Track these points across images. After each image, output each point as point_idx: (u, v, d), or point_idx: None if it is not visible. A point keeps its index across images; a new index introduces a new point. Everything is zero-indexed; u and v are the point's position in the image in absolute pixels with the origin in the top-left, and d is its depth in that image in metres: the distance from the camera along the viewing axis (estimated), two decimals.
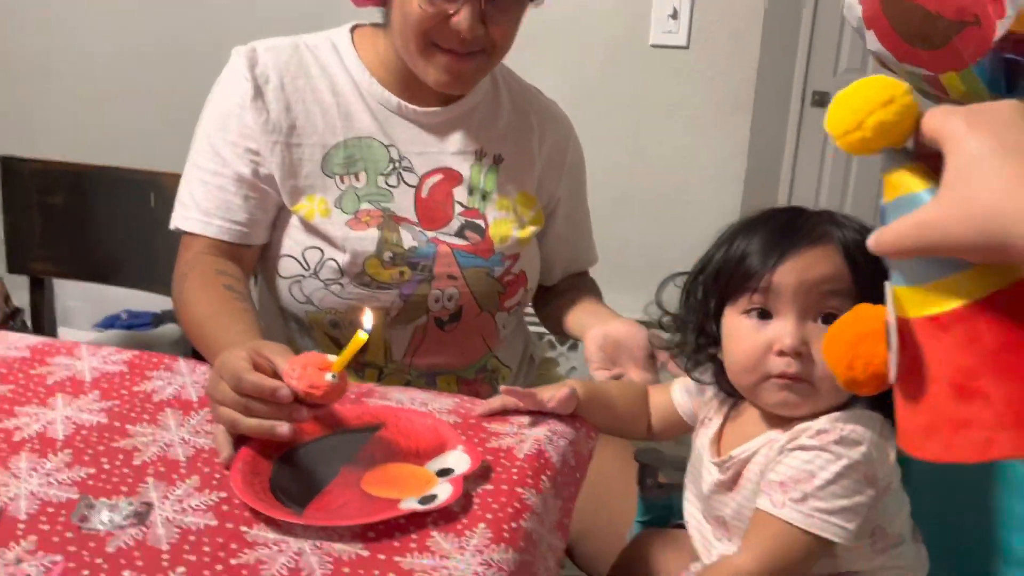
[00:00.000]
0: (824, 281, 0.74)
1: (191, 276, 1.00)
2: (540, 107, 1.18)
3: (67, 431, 0.81)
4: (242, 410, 0.75)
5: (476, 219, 1.08)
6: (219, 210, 1.03)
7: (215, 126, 1.04)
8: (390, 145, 1.06)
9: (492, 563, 0.64)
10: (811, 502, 0.70)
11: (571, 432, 0.86)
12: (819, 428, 0.72)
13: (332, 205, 1.04)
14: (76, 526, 0.66)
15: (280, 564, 0.63)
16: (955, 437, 0.53)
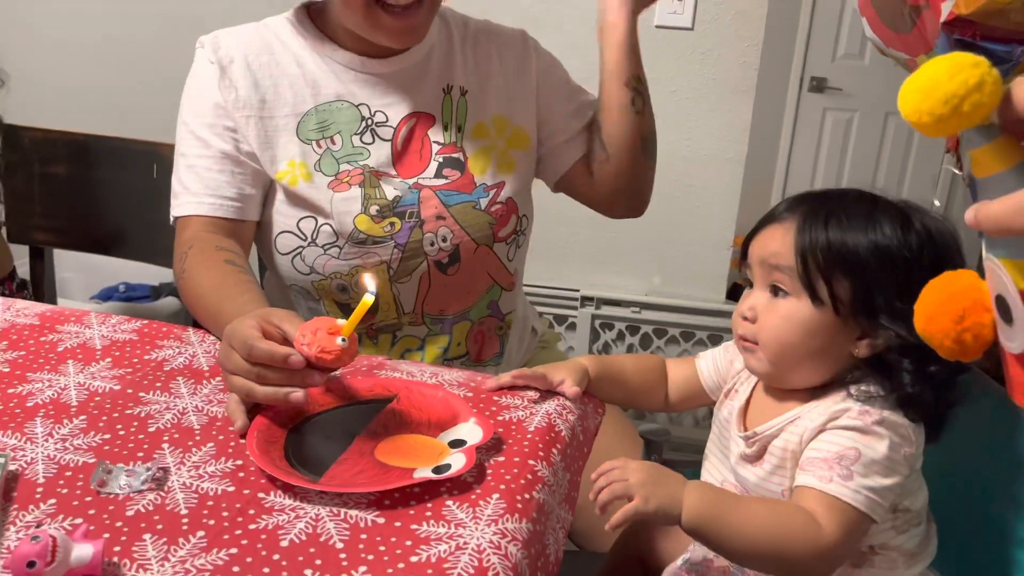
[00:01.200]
0: (771, 255, 0.79)
1: (191, 255, 1.00)
2: (492, 34, 1.19)
3: (80, 397, 0.81)
4: (255, 378, 0.76)
5: (454, 154, 1.10)
6: (207, 188, 1.04)
7: (191, 113, 1.06)
8: (360, 104, 1.08)
9: (507, 532, 0.65)
10: (857, 479, 0.72)
11: (580, 407, 0.87)
12: (860, 410, 0.75)
13: (312, 168, 1.05)
14: (95, 490, 0.67)
15: (299, 529, 0.64)
16: None
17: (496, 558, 0.62)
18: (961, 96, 0.53)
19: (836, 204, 0.78)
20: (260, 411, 0.78)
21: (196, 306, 0.98)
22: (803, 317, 0.77)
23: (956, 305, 0.60)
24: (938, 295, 0.62)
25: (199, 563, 0.60)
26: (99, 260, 1.85)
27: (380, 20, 1.00)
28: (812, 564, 0.73)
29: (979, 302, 0.59)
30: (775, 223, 0.80)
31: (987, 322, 0.58)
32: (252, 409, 0.78)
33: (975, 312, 0.59)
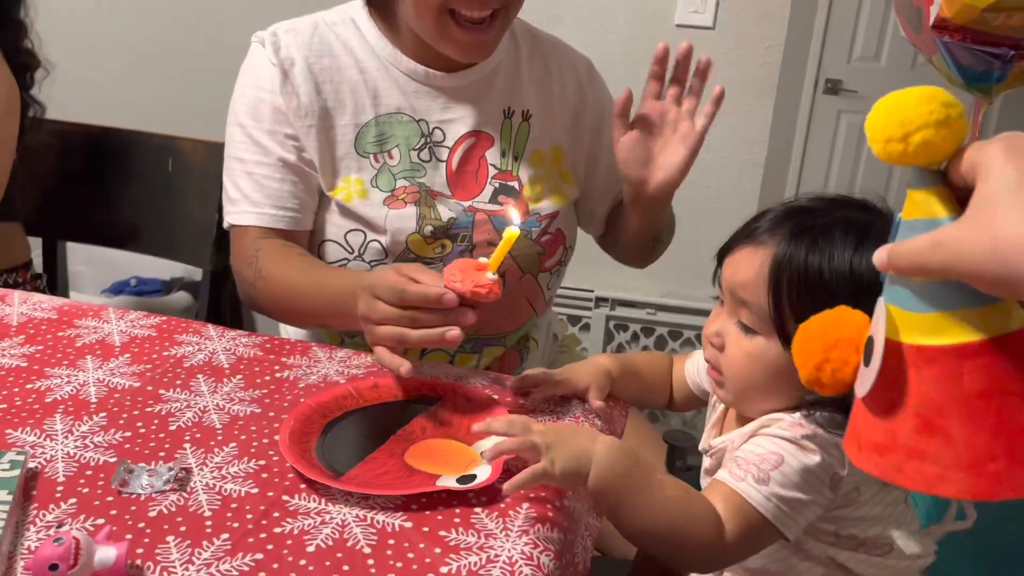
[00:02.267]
0: (740, 286, 0.73)
1: (261, 258, 0.99)
2: (558, 54, 1.16)
3: (100, 394, 0.80)
4: (408, 323, 0.76)
5: (510, 181, 1.07)
6: (269, 199, 1.01)
7: (249, 116, 1.02)
8: (420, 119, 1.05)
9: (538, 543, 0.63)
10: (772, 486, 0.69)
11: (606, 412, 0.86)
12: (793, 421, 0.71)
13: (368, 184, 1.03)
14: (116, 490, 0.66)
15: (325, 535, 0.62)
16: (907, 464, 0.53)
17: (528, 570, 0.60)
18: (917, 126, 0.51)
19: (820, 225, 0.70)
20: (307, 398, 0.79)
21: (288, 296, 0.97)
22: (771, 358, 0.72)
23: (831, 336, 0.59)
24: (821, 322, 0.61)
25: (224, 568, 0.58)
26: (111, 254, 1.84)
27: (451, 32, 0.96)
28: (703, 558, 0.70)
29: (853, 341, 0.58)
30: (751, 245, 0.73)
31: (851, 362, 0.58)
32: (302, 396, 0.77)
33: (844, 349, 0.58)
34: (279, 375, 0.86)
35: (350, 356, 0.92)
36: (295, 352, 0.92)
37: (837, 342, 0.58)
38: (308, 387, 0.84)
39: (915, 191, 0.52)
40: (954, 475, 0.51)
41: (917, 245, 0.49)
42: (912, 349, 0.52)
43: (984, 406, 0.50)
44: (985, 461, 0.50)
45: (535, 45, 1.14)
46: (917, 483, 0.53)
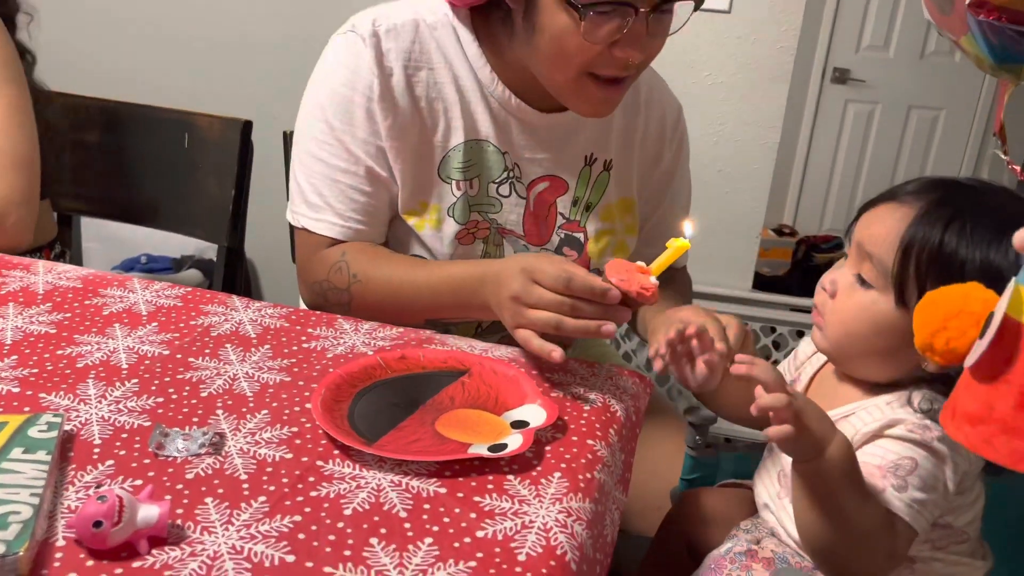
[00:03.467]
0: (869, 239, 0.75)
1: (352, 263, 0.96)
2: (651, 99, 1.09)
3: (130, 360, 0.80)
4: (568, 311, 0.77)
5: (576, 232, 1.05)
6: (355, 212, 0.98)
7: (339, 117, 0.96)
8: (505, 152, 1.01)
9: (571, 511, 0.64)
10: (911, 492, 0.71)
11: (631, 386, 0.86)
12: (917, 422, 0.73)
13: (445, 213, 0.99)
14: (152, 453, 0.66)
15: (361, 499, 0.63)
16: (998, 437, 0.54)
17: (563, 536, 0.61)
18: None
19: (968, 205, 0.72)
20: (336, 368, 0.79)
21: (395, 295, 0.95)
22: (879, 313, 0.74)
23: (955, 306, 0.60)
24: (948, 292, 0.62)
25: (264, 529, 0.59)
26: (121, 230, 1.84)
27: (587, 90, 0.90)
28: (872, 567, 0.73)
29: (975, 315, 0.59)
30: (894, 201, 0.75)
31: (968, 335, 0.59)
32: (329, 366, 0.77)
33: (964, 321, 0.59)
34: (306, 345, 0.87)
35: (375, 328, 0.92)
36: (320, 323, 0.92)
37: (959, 313, 0.59)
38: (336, 357, 0.85)
39: None
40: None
41: None
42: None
43: None
44: None
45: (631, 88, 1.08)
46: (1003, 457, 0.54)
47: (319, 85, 0.99)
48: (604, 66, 0.88)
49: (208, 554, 0.56)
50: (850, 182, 3.99)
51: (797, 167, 4.01)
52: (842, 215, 3.98)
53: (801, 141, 3.97)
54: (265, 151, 1.55)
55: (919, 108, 3.80)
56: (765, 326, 2.07)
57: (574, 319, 0.77)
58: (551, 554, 0.59)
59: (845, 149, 3.99)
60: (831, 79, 3.90)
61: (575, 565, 0.59)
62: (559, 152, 1.03)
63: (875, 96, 3.88)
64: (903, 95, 3.81)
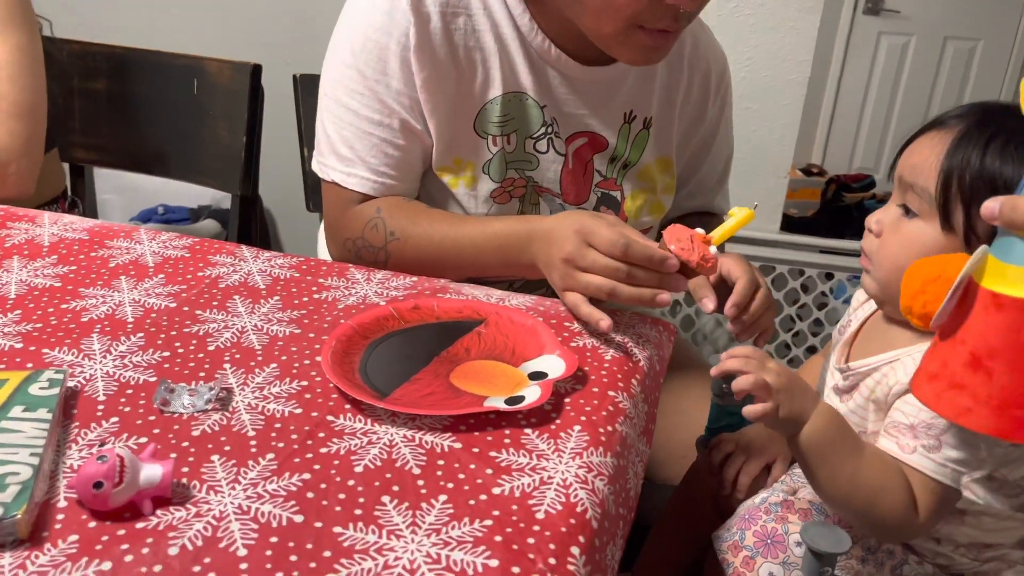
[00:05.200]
0: (910, 169, 0.73)
1: (388, 218, 0.92)
2: (697, 52, 1.04)
3: (136, 314, 0.78)
4: (623, 278, 0.75)
5: (613, 191, 1.01)
6: (388, 167, 0.94)
7: (372, 65, 0.91)
8: (544, 105, 0.95)
9: (592, 466, 0.61)
10: (945, 451, 0.68)
11: (654, 334, 0.83)
12: None
13: (480, 171, 0.95)
14: (158, 409, 0.64)
15: (373, 455, 0.60)
16: (946, 392, 0.59)
17: (584, 493, 0.58)
18: None
19: (1011, 122, 0.68)
20: (347, 320, 0.77)
21: (436, 252, 0.91)
22: (926, 241, 0.71)
23: (933, 271, 0.62)
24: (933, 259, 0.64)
25: (271, 487, 0.56)
26: (138, 181, 1.81)
27: (636, 39, 0.84)
28: (895, 529, 0.72)
29: (951, 281, 0.60)
30: (935, 129, 0.72)
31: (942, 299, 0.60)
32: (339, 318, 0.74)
33: (942, 286, 0.60)
34: (317, 296, 0.84)
35: (388, 278, 0.89)
36: (332, 273, 0.89)
37: (937, 278, 0.60)
38: (347, 308, 0.82)
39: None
40: (982, 410, 0.56)
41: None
42: (988, 294, 0.56)
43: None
44: (1013, 406, 0.55)
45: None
46: (948, 411, 0.59)
47: (351, 29, 0.93)
48: (654, 17, 0.82)
49: (214, 514, 0.54)
50: (881, 119, 3.86)
51: (827, 104, 3.88)
52: (872, 153, 3.86)
53: (831, 77, 3.84)
54: (276, 96, 1.51)
55: (955, 39, 3.65)
56: (793, 269, 2.01)
57: (629, 286, 0.74)
58: (571, 511, 0.56)
59: (877, 84, 3.85)
60: (864, 10, 3.74)
61: (596, 522, 0.57)
62: (599, 107, 0.98)
63: (910, 28, 3.73)
64: (939, 25, 3.65)
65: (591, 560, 0.54)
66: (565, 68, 0.95)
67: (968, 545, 0.77)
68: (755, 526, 0.80)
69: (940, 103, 3.77)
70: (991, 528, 0.76)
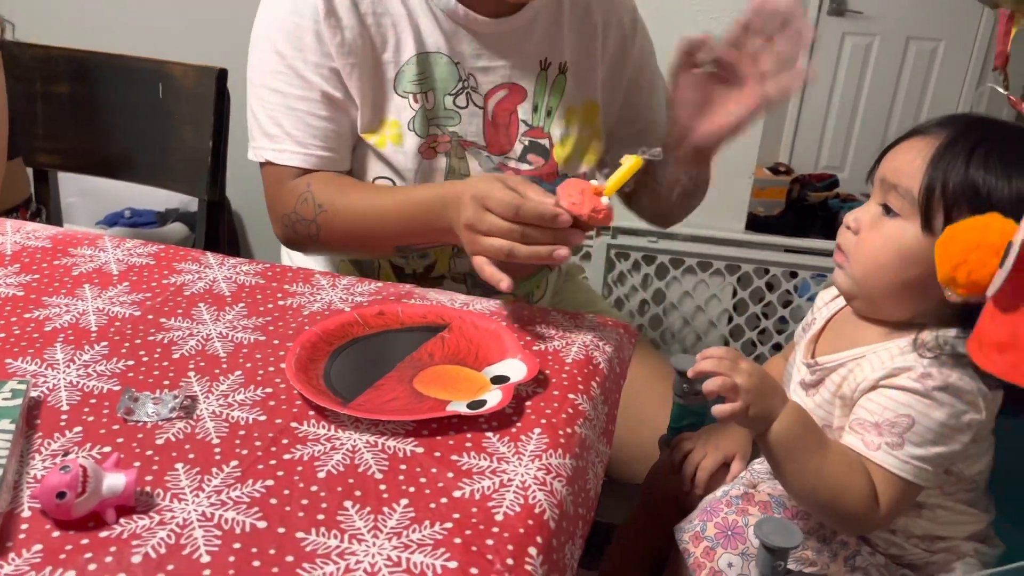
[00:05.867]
0: (893, 171, 0.75)
1: (317, 192, 0.94)
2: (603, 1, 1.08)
3: (100, 322, 0.78)
4: (519, 238, 0.75)
5: (540, 139, 1.03)
6: (315, 138, 0.96)
7: (289, 44, 0.95)
8: (458, 62, 0.99)
9: (551, 468, 0.63)
10: (908, 448, 0.71)
11: (615, 336, 0.85)
12: (922, 372, 0.71)
13: (405, 128, 0.97)
14: (121, 418, 0.65)
15: (336, 461, 0.61)
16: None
17: (542, 494, 0.60)
18: None
19: (994, 134, 0.72)
20: (312, 326, 0.78)
21: (362, 222, 0.93)
22: (906, 241, 0.73)
23: (974, 238, 0.61)
24: (968, 225, 0.63)
25: (235, 494, 0.57)
26: (104, 185, 1.79)
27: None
28: (857, 523, 0.74)
29: (994, 246, 0.59)
30: (917, 136, 0.75)
31: (989, 266, 0.60)
32: (306, 325, 0.75)
33: (985, 252, 0.60)
34: (282, 303, 0.85)
35: (354, 283, 0.90)
36: (297, 280, 0.90)
37: (979, 245, 0.60)
38: (312, 315, 0.83)
39: None
40: None
41: None
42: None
43: None
44: None
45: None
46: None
47: (266, 19, 0.98)
48: None
49: (177, 522, 0.55)
50: (847, 118, 3.92)
51: (793, 103, 3.93)
52: (838, 152, 3.92)
53: None
54: (242, 100, 1.50)
55: (918, 39, 3.71)
56: (759, 268, 2.04)
57: (526, 246, 0.75)
58: (529, 512, 0.58)
59: (842, 84, 3.91)
60: (828, 11, 3.80)
61: (553, 523, 0.58)
62: (513, 59, 1.01)
63: (873, 28, 3.79)
64: (901, 25, 3.72)
65: (548, 560, 0.56)
66: (474, 25, 0.98)
67: (922, 537, 0.80)
68: (716, 518, 0.82)
69: (903, 102, 3.84)
70: (945, 521, 0.79)
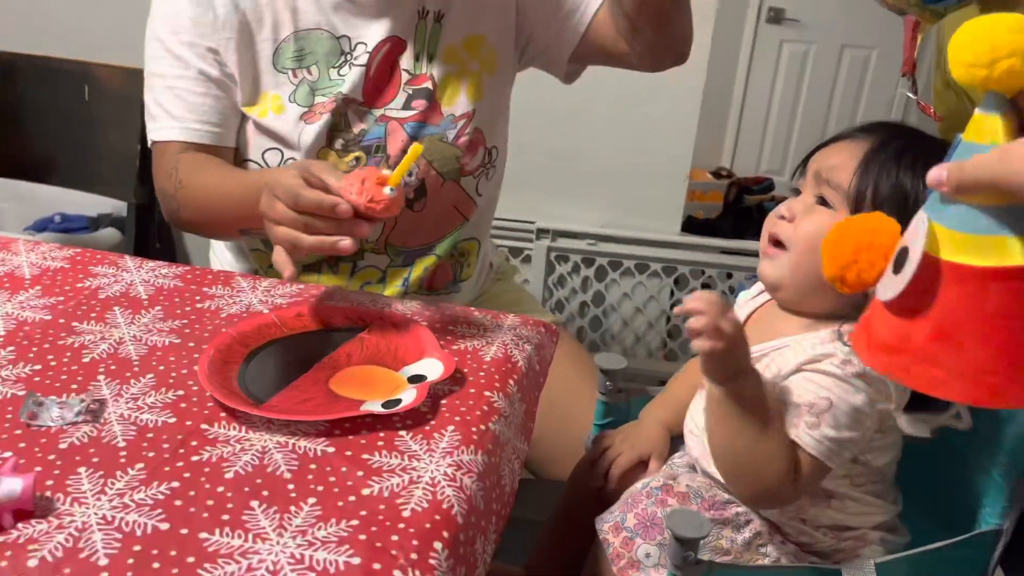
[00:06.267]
0: (828, 168, 0.78)
1: (181, 168, 0.97)
2: None
3: (8, 327, 0.77)
4: (302, 228, 0.74)
5: (424, 84, 1.04)
6: (191, 112, 0.99)
7: (166, 29, 0.99)
8: (340, 36, 1.01)
9: (461, 464, 0.63)
10: (823, 429, 0.73)
11: (535, 336, 0.86)
12: (843, 358, 0.74)
13: (286, 101, 1.00)
14: (24, 423, 0.63)
15: (244, 462, 0.61)
16: (916, 366, 0.58)
17: (451, 490, 0.60)
18: (1006, 53, 0.53)
19: (919, 142, 0.77)
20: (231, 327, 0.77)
21: (207, 203, 0.95)
22: None
23: (864, 239, 0.63)
24: (856, 224, 0.64)
25: (138, 497, 0.57)
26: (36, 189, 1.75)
27: None
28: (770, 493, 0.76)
29: (883, 247, 0.61)
30: (845, 140, 0.80)
31: (877, 267, 0.61)
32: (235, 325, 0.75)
33: (874, 253, 0.61)
34: (200, 305, 0.84)
35: (274, 286, 0.90)
36: (217, 282, 0.89)
37: (870, 246, 0.61)
38: (230, 317, 0.82)
39: (983, 115, 0.55)
40: (957, 382, 0.55)
41: (985, 159, 0.52)
42: (948, 266, 0.55)
43: (999, 325, 0.54)
44: (986, 373, 0.54)
45: None
46: (921, 384, 0.58)
47: (151, 15, 1.01)
48: None
49: (76, 525, 0.54)
50: (786, 122, 4.01)
51: (734, 109, 4.02)
52: (778, 156, 4.01)
53: (738, 82, 3.97)
54: None
55: (852, 47, 3.82)
56: (695, 269, 2.08)
57: (309, 236, 0.74)
58: (437, 508, 0.58)
59: (780, 89, 4.01)
60: (766, 19, 3.89)
61: (462, 518, 0.59)
62: (391, 15, 1.02)
63: (809, 36, 3.89)
64: (836, 34, 3.82)
65: (455, 554, 0.56)
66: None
67: (831, 527, 0.82)
68: (636, 508, 0.83)
69: (839, 107, 3.94)
70: (853, 512, 0.82)
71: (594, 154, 2.06)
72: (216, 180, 0.95)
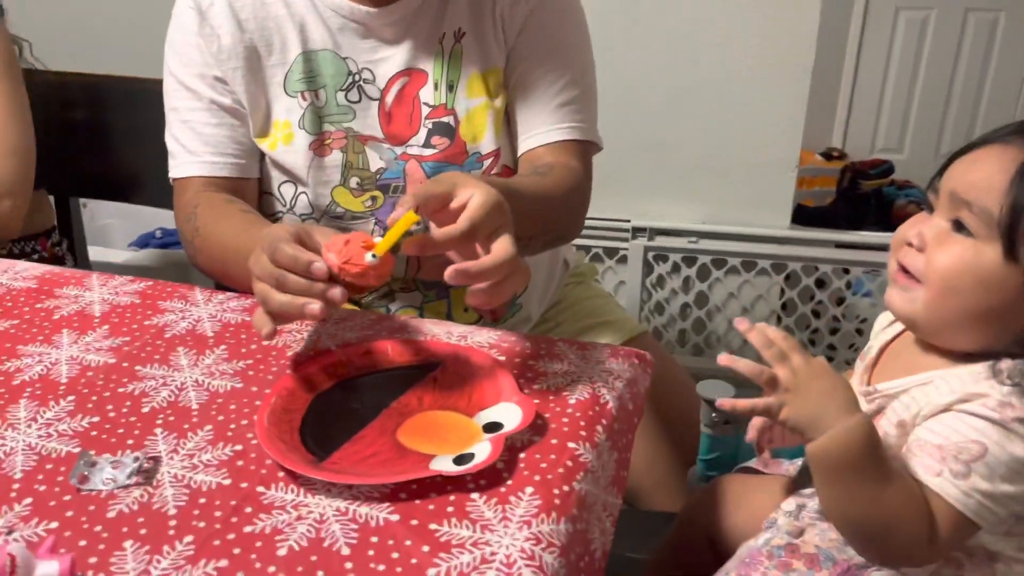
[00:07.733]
0: (968, 187, 0.64)
1: (200, 213, 0.92)
2: None
3: (71, 373, 0.74)
4: (274, 284, 0.67)
5: (444, 117, 0.96)
6: (207, 145, 0.95)
7: (177, 63, 0.97)
8: (346, 58, 0.95)
9: (541, 537, 0.55)
10: (974, 479, 0.61)
11: (628, 369, 0.76)
12: (1001, 400, 0.62)
13: (296, 127, 0.95)
14: (75, 487, 0.59)
15: (299, 534, 0.55)
16: None
17: (529, 572, 0.52)
18: None
19: None
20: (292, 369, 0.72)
21: (223, 257, 0.90)
22: (984, 265, 0.63)
23: None
24: None
25: None
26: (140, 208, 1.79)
27: None
28: (906, 556, 0.65)
29: None
30: (998, 144, 0.65)
31: None
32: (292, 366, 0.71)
33: None
34: (266, 343, 0.79)
35: (344, 319, 0.84)
36: None
37: None
38: (296, 356, 0.77)
39: None
40: None
41: None
42: None
43: None
44: None
45: None
46: None
47: (166, 49, 0.99)
48: None
49: None
50: (903, 96, 3.73)
51: (845, 84, 3.75)
52: (895, 133, 3.73)
53: (849, 54, 3.71)
54: None
55: (976, 11, 3.50)
56: (807, 265, 1.93)
57: (279, 293, 0.66)
58: None
59: (897, 61, 3.72)
60: None
61: None
62: (407, 44, 0.95)
63: (928, 1, 3.59)
64: None
65: None
66: (360, 17, 0.94)
67: None
68: (755, 573, 0.73)
69: (963, 78, 3.63)
70: None
71: (692, 144, 1.93)
72: (232, 234, 0.88)
